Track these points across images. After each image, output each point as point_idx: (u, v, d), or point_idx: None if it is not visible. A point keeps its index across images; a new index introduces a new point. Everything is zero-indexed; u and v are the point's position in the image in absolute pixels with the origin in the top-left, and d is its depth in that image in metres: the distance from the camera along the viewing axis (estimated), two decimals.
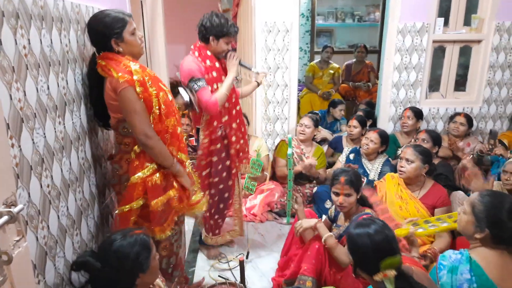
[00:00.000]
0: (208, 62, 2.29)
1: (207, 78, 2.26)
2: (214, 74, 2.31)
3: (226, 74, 2.36)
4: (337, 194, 2.17)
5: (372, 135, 3.12)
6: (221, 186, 2.48)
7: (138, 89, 1.61)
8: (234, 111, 2.44)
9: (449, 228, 2.04)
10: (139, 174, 1.71)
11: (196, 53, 2.31)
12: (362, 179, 2.52)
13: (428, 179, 2.56)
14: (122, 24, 1.68)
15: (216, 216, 2.58)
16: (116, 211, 1.77)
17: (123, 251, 1.41)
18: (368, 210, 2.15)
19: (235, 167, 2.52)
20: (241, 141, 2.53)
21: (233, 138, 2.44)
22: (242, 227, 2.77)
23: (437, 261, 1.54)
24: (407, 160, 2.49)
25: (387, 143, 3.19)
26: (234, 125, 2.45)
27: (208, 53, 2.31)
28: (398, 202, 2.51)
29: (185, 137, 1.97)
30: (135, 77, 1.61)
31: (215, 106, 2.22)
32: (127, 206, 1.72)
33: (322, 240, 2.05)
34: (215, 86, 2.30)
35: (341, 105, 4.40)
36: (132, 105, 1.63)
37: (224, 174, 2.47)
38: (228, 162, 2.48)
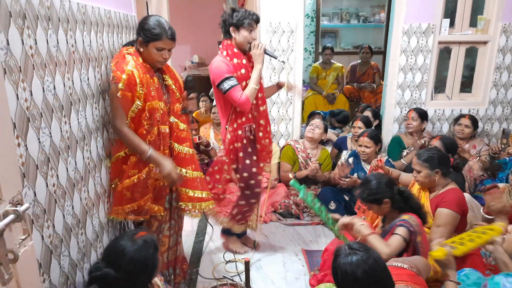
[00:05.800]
0: (235, 60, 2.31)
1: (236, 76, 2.29)
2: (243, 71, 2.33)
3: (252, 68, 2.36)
4: None
5: (364, 140, 3.14)
6: (252, 182, 2.47)
7: (120, 85, 1.75)
8: (261, 108, 2.46)
9: (488, 240, 1.76)
10: (119, 154, 1.89)
11: (224, 53, 2.33)
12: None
13: (452, 183, 2.40)
14: (153, 37, 1.82)
15: (245, 209, 2.57)
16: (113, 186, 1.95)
17: (138, 257, 1.43)
18: (405, 217, 2.03)
19: (262, 161, 2.54)
20: (267, 140, 2.54)
21: (260, 134, 2.47)
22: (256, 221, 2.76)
23: None
24: (417, 171, 2.39)
25: (381, 140, 3.23)
26: (261, 122, 2.47)
27: (235, 50, 2.33)
28: None
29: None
30: (123, 76, 1.75)
31: (247, 102, 2.27)
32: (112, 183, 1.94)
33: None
34: (243, 84, 2.33)
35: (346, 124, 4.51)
36: (113, 98, 1.81)
37: (254, 169, 2.47)
38: (255, 157, 2.48)
